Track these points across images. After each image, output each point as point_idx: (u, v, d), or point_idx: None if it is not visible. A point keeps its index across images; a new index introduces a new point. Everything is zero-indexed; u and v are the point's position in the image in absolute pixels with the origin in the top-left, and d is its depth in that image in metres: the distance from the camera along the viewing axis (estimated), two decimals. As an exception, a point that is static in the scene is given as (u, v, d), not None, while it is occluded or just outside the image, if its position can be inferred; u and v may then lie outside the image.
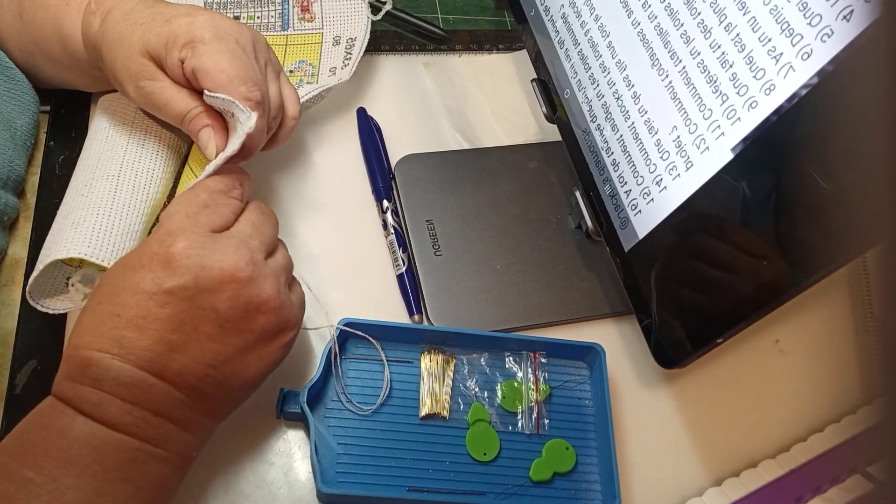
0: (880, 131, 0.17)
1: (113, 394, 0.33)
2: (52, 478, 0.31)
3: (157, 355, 0.33)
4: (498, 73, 0.63)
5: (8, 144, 0.46)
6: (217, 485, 0.42)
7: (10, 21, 0.47)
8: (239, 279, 0.34)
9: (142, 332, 0.33)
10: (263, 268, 0.36)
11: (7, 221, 0.47)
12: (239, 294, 0.34)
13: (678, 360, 0.41)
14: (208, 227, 0.35)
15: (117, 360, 0.33)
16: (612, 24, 0.45)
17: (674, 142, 0.41)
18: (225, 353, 0.35)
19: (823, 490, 0.45)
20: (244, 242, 0.36)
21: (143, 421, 0.33)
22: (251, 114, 0.38)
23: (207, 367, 0.34)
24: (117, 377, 0.33)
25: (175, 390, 0.34)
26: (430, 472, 0.43)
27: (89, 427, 0.32)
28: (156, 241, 0.34)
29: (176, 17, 0.40)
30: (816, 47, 0.32)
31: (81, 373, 0.33)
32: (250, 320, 0.35)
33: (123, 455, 0.33)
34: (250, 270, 0.35)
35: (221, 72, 0.38)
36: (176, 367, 0.34)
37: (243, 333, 0.35)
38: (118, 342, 0.33)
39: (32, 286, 0.40)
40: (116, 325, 0.33)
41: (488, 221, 0.54)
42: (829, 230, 0.32)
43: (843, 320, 0.55)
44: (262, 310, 0.35)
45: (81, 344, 0.33)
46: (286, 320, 0.37)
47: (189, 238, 0.34)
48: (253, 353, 0.36)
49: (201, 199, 0.36)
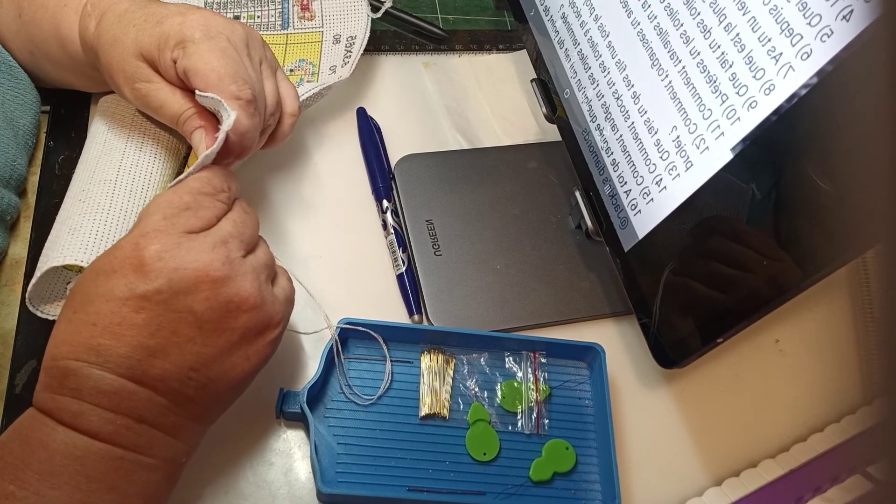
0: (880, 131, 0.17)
1: (93, 403, 0.32)
2: (34, 491, 0.31)
3: (135, 362, 0.32)
4: (498, 73, 0.63)
5: (11, 143, 0.46)
6: (217, 485, 0.42)
7: (9, 21, 0.47)
8: (215, 278, 0.33)
9: (118, 340, 0.32)
10: (241, 265, 0.35)
11: (9, 221, 0.47)
12: (216, 294, 0.34)
13: (678, 360, 0.41)
14: (185, 229, 0.34)
15: (96, 369, 0.32)
16: (611, 24, 0.45)
17: (673, 142, 0.41)
18: (207, 354, 0.34)
19: (823, 490, 0.45)
20: (221, 242, 0.35)
21: (126, 429, 0.33)
22: (231, 112, 0.37)
23: (189, 370, 0.34)
24: (96, 386, 0.32)
25: (157, 396, 0.33)
26: (429, 471, 0.43)
27: (70, 437, 0.32)
28: (128, 243, 0.34)
29: (168, 17, 0.40)
30: (816, 47, 0.32)
31: (60, 383, 0.32)
32: (231, 319, 0.34)
33: (107, 464, 0.32)
34: (226, 269, 0.34)
35: (211, 71, 0.38)
36: (156, 372, 0.33)
37: (225, 333, 0.34)
38: (95, 351, 0.32)
39: (32, 292, 0.40)
40: (92, 333, 0.32)
41: (488, 221, 0.54)
42: (829, 230, 0.32)
43: (843, 320, 0.55)
44: (242, 308, 0.34)
45: (59, 354, 0.33)
46: (269, 317, 0.36)
47: (162, 240, 0.33)
48: (237, 353, 0.35)
49: (183, 201, 0.35)
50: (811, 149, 0.33)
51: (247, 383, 0.38)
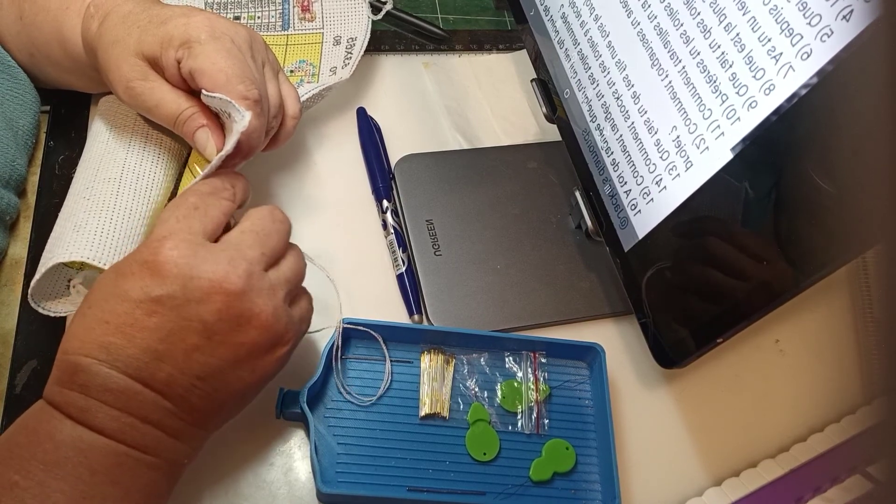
0: (880, 131, 0.17)
1: (100, 400, 0.32)
2: (38, 481, 0.31)
3: (143, 364, 0.33)
4: (498, 73, 0.63)
5: (10, 144, 0.46)
6: (217, 485, 0.42)
7: (9, 23, 0.47)
8: (229, 291, 0.33)
9: (129, 340, 0.32)
10: (259, 280, 0.35)
11: (9, 221, 0.47)
12: (228, 306, 0.33)
13: (678, 360, 0.41)
14: (201, 233, 0.35)
15: (105, 367, 0.32)
16: (611, 24, 0.45)
17: (673, 142, 0.41)
18: (213, 365, 0.34)
19: (823, 490, 0.45)
20: (240, 253, 0.35)
21: (131, 427, 0.33)
22: (245, 113, 0.38)
23: (195, 378, 0.34)
24: (104, 384, 0.32)
25: (163, 399, 0.33)
26: (429, 471, 0.43)
27: (77, 431, 0.32)
28: (147, 247, 0.34)
29: (172, 18, 0.40)
30: (816, 47, 0.32)
31: (70, 378, 0.33)
32: (240, 333, 0.34)
33: (111, 459, 0.32)
34: (242, 283, 0.34)
35: (219, 71, 0.38)
36: (163, 376, 0.33)
37: (233, 347, 0.34)
38: (106, 349, 0.32)
39: (34, 289, 0.40)
40: (105, 331, 0.33)
41: (488, 221, 0.54)
42: (829, 230, 0.32)
43: (843, 320, 0.55)
44: (253, 324, 0.34)
45: (70, 349, 0.33)
46: (280, 335, 0.36)
47: (180, 246, 0.33)
48: (244, 367, 0.35)
49: (190, 203, 0.36)
50: (811, 149, 0.33)
51: (252, 396, 0.38)
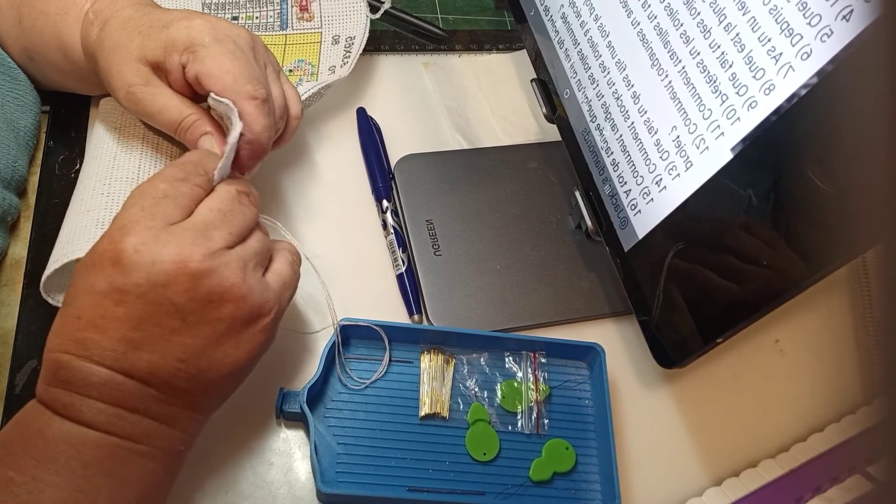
0: (880, 131, 0.17)
1: (84, 394, 0.33)
2: (32, 476, 0.31)
3: (121, 354, 0.33)
4: (498, 73, 0.63)
5: (11, 145, 0.46)
6: (217, 485, 0.42)
7: (9, 27, 0.46)
8: (194, 270, 0.33)
9: (102, 333, 0.32)
10: (223, 256, 0.34)
11: (10, 221, 0.47)
12: (196, 286, 0.33)
13: (678, 360, 0.41)
14: (165, 219, 0.34)
15: (84, 362, 0.32)
16: (611, 24, 0.45)
17: (673, 142, 0.41)
18: (193, 345, 0.34)
19: (823, 490, 0.45)
20: (203, 233, 0.34)
21: (119, 419, 0.33)
22: (238, 123, 0.38)
23: (177, 361, 0.34)
24: (86, 378, 0.32)
25: (147, 387, 0.33)
26: (429, 471, 0.43)
27: (66, 426, 0.32)
28: (107, 237, 0.33)
29: (173, 21, 0.40)
30: (816, 47, 0.32)
31: (53, 375, 0.33)
32: (215, 310, 0.34)
33: (103, 451, 0.33)
34: (206, 261, 0.33)
35: (227, 73, 0.38)
36: (143, 364, 0.33)
37: (211, 324, 0.34)
38: (82, 344, 0.32)
39: (46, 282, 0.40)
40: (78, 326, 0.33)
41: (488, 221, 0.54)
42: (829, 230, 0.32)
43: (843, 320, 0.55)
44: (225, 298, 0.34)
45: (52, 346, 0.33)
46: (258, 306, 0.35)
47: (140, 232, 0.33)
48: (227, 343, 0.35)
49: (160, 189, 0.35)
50: (811, 149, 0.33)
51: (245, 372, 0.37)
